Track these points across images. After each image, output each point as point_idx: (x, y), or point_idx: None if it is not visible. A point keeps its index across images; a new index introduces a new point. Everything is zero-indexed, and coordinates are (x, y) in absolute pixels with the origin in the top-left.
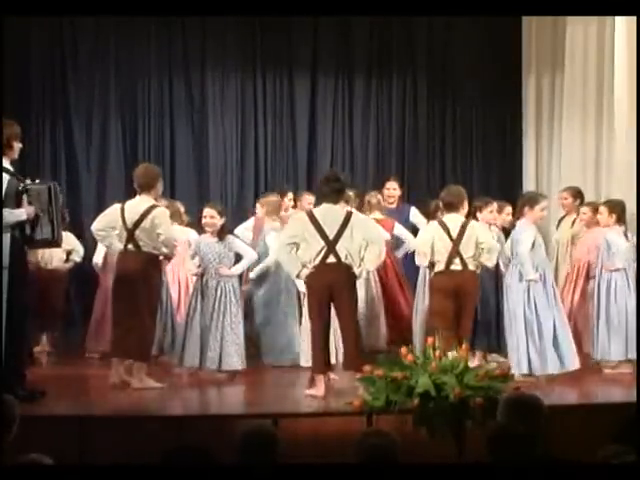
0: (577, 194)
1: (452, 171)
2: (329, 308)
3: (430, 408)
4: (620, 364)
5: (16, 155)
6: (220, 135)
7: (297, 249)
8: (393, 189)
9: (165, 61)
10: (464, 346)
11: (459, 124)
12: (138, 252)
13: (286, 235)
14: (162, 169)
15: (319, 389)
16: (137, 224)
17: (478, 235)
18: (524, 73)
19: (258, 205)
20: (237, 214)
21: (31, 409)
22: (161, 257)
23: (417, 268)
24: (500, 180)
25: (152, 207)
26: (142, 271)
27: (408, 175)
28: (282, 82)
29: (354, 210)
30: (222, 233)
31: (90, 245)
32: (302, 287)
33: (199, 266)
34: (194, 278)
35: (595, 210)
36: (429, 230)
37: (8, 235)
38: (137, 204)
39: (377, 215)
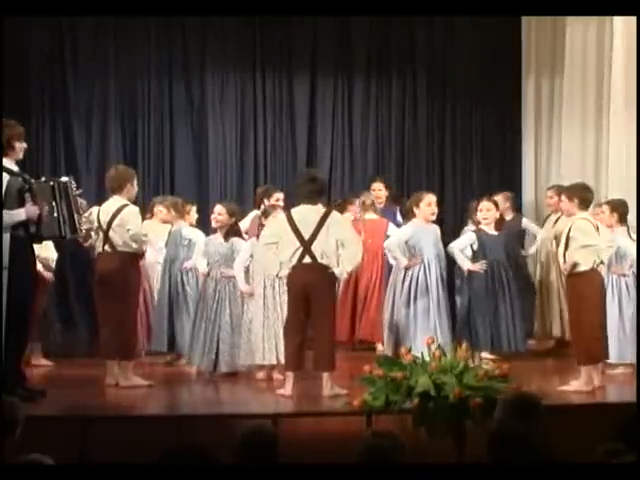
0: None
1: (452, 171)
2: (305, 307)
3: (430, 408)
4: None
5: (20, 155)
6: (219, 135)
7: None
8: (379, 190)
9: (165, 60)
10: (464, 346)
11: (458, 124)
12: (114, 252)
13: (264, 235)
14: (162, 169)
15: (287, 388)
16: (109, 224)
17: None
18: (524, 74)
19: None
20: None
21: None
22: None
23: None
24: (500, 180)
25: (123, 207)
26: (119, 271)
27: (408, 175)
28: (281, 82)
29: (334, 211)
30: (228, 234)
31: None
32: (244, 287)
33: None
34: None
35: (559, 194)
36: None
37: (8, 235)
38: (109, 205)
39: (372, 215)
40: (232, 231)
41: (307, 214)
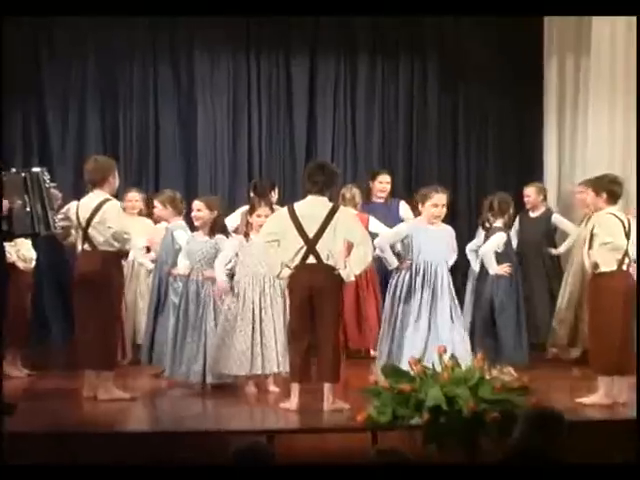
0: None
1: (465, 161)
2: (310, 312)
3: (441, 423)
4: None
5: None
6: (210, 122)
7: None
8: (386, 183)
9: (148, 39)
10: (479, 355)
11: (473, 109)
12: (94, 252)
13: (264, 232)
14: (145, 160)
15: (292, 401)
16: (89, 221)
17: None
18: (545, 52)
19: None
20: (228, 208)
21: None
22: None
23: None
24: (518, 170)
25: (104, 202)
26: (100, 272)
27: (417, 167)
28: (278, 64)
29: (342, 206)
30: (212, 230)
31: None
32: (220, 283)
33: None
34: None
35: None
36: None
37: None
38: (89, 200)
39: (351, 211)
40: (217, 227)
41: (312, 209)
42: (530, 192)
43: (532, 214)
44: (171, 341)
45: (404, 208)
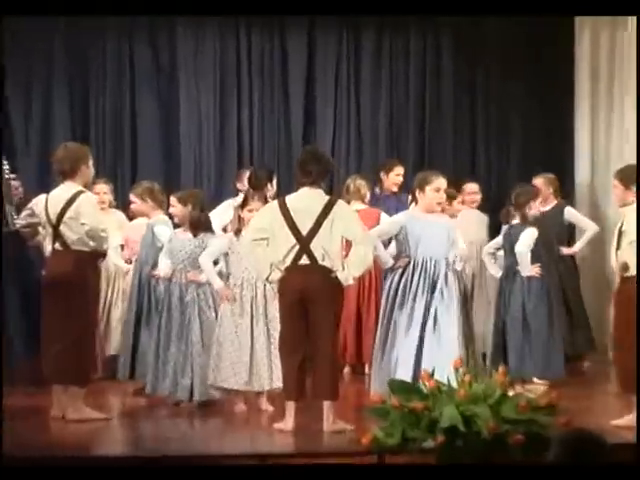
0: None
1: (484, 150)
2: (304, 320)
3: (458, 446)
4: None
5: None
6: (194, 105)
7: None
8: (399, 175)
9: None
10: (501, 369)
11: (493, 90)
12: (66, 252)
13: (252, 229)
14: (121, 147)
15: (287, 422)
16: (60, 217)
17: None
18: (577, 27)
19: None
20: (216, 200)
21: None
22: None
23: None
24: (546, 157)
25: (77, 194)
26: (74, 275)
27: (429, 155)
28: (272, 37)
29: (340, 200)
30: (193, 227)
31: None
32: (218, 285)
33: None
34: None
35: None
36: None
37: None
38: (60, 193)
39: (359, 205)
40: (199, 224)
41: (306, 203)
42: (538, 184)
43: (541, 209)
44: (153, 353)
45: None
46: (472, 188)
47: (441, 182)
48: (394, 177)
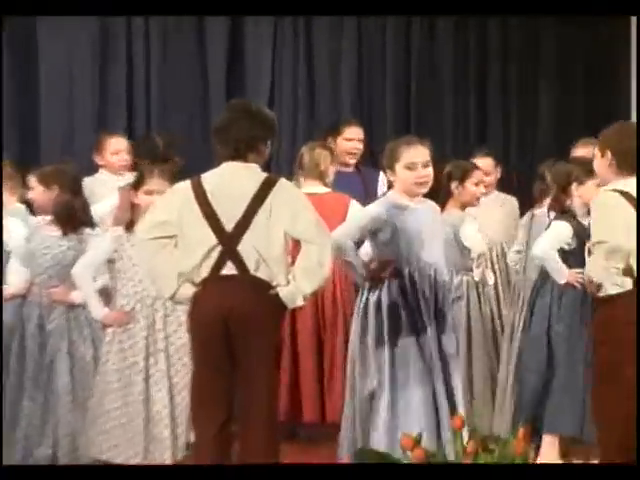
0: None
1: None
2: (227, 360)
3: None
4: None
5: None
6: None
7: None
8: (358, 140)
9: None
10: (522, 431)
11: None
12: None
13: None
14: None
15: None
16: None
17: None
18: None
19: None
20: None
21: None
22: None
23: None
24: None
25: None
26: None
27: (416, 115)
28: None
29: (283, 180)
30: (66, 221)
31: None
32: (98, 312)
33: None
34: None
35: None
36: None
37: None
38: None
39: (317, 188)
40: (74, 216)
41: (232, 184)
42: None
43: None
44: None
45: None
46: (484, 164)
47: (419, 152)
48: (344, 144)
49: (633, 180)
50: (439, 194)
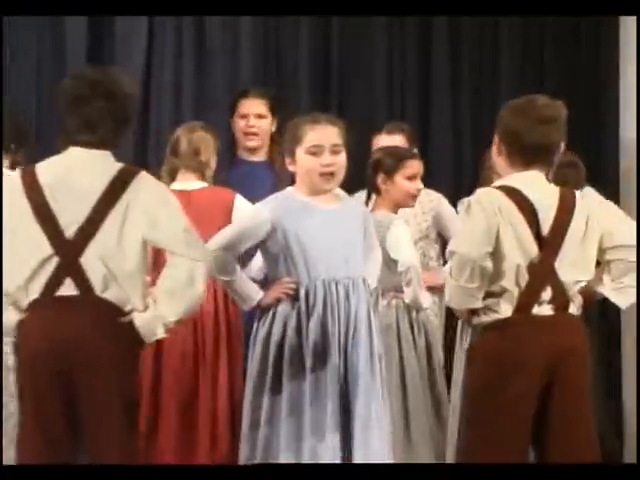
0: None
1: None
2: (66, 410)
3: None
4: None
5: None
6: None
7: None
8: (256, 116)
9: None
10: None
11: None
12: None
13: None
14: None
15: None
16: None
17: None
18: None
19: None
20: None
21: None
22: None
23: None
24: (583, 147)
25: None
26: None
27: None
28: None
29: (144, 173)
30: None
31: None
32: None
33: None
34: None
35: None
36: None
37: None
38: None
39: (191, 183)
40: None
41: (76, 176)
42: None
43: None
44: None
45: None
46: (390, 142)
47: (323, 135)
48: (238, 122)
49: (534, 173)
50: (368, 191)
